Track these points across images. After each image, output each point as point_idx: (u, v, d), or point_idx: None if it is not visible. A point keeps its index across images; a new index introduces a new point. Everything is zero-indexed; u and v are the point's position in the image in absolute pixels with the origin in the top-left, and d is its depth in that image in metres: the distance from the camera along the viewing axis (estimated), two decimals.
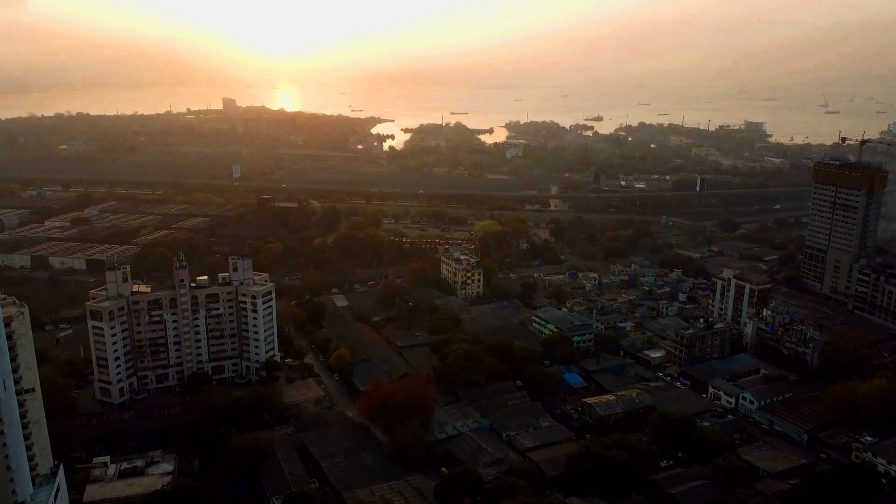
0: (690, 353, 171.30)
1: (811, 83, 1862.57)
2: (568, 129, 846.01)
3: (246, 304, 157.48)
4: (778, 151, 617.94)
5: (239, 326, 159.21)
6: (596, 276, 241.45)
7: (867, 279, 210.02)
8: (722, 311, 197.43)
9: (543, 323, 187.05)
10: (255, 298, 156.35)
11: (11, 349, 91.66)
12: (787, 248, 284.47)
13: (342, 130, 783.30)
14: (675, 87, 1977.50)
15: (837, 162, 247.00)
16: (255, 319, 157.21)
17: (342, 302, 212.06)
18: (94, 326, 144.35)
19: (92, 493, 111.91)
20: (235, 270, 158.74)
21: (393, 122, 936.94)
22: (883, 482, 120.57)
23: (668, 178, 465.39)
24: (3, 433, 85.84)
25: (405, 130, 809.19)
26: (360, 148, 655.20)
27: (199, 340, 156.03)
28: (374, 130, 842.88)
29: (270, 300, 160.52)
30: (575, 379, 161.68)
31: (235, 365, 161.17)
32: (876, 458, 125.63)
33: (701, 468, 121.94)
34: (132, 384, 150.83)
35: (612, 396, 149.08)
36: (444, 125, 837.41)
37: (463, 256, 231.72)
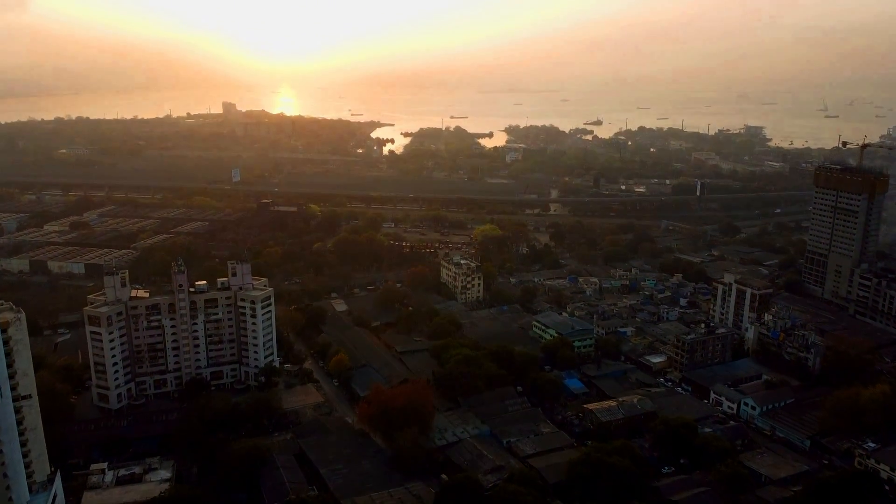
0: (692, 358, 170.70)
1: (810, 87, 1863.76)
2: (567, 133, 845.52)
3: (245, 308, 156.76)
4: (778, 155, 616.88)
5: (238, 331, 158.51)
6: (596, 280, 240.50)
7: (868, 284, 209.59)
8: (723, 315, 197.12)
9: (544, 328, 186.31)
10: (254, 303, 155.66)
11: (8, 355, 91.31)
12: (787, 252, 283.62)
13: (342, 134, 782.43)
14: (673, 89, 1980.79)
15: (838, 166, 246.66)
16: (254, 324, 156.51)
17: (342, 306, 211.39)
18: (92, 332, 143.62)
19: (89, 499, 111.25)
20: (234, 275, 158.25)
21: (393, 126, 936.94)
22: (886, 489, 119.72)
23: (668, 182, 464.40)
24: None
25: (405, 134, 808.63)
26: (359, 152, 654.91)
27: (197, 346, 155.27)
28: (373, 134, 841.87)
29: (269, 305, 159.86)
30: (576, 384, 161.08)
31: (234, 370, 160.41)
32: (879, 464, 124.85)
33: (703, 475, 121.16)
34: (130, 390, 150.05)
35: (613, 402, 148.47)
36: (443, 129, 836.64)
37: (463, 261, 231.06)
